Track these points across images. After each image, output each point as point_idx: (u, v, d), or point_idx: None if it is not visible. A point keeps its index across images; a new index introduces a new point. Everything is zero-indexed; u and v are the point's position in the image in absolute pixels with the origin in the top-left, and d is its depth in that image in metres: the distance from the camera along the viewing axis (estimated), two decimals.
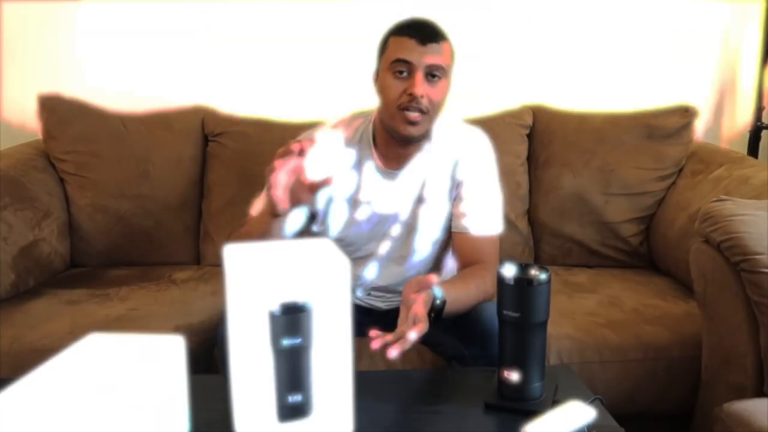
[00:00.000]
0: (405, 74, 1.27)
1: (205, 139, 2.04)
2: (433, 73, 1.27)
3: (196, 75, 2.21)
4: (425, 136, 1.33)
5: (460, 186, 1.38)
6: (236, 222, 1.90)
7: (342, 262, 0.88)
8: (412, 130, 1.28)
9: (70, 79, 2.17)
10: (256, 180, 1.45)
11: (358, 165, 1.38)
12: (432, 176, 1.38)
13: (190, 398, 0.91)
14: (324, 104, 2.08)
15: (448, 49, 1.30)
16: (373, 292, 1.47)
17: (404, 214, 1.40)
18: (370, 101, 1.42)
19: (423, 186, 1.39)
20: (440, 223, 1.41)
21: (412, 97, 1.25)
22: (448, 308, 1.20)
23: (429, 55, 1.26)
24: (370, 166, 1.38)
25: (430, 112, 1.28)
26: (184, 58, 2.20)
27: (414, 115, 1.26)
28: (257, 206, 1.36)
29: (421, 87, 1.25)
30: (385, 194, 1.39)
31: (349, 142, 1.38)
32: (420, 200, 1.39)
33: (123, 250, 1.96)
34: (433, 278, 1.13)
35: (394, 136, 1.33)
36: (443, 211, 1.40)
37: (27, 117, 2.01)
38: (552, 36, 2.21)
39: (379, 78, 1.33)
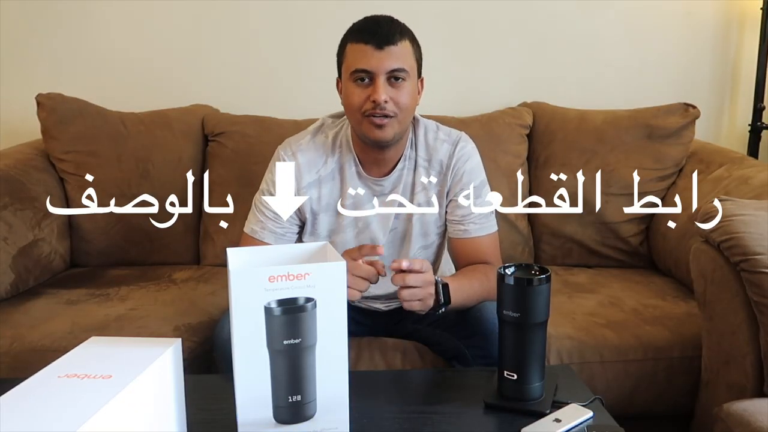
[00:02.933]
0: (366, 81, 1.25)
1: (205, 139, 2.04)
2: (396, 76, 1.24)
3: (196, 75, 2.21)
4: (396, 138, 1.30)
5: (452, 193, 1.37)
6: (236, 222, 1.92)
7: (339, 264, 0.88)
8: (381, 134, 1.26)
9: (70, 79, 2.17)
10: (256, 180, 1.46)
11: (341, 171, 1.37)
12: (419, 185, 1.37)
13: (189, 398, 0.91)
14: (324, 104, 2.08)
15: (408, 49, 1.26)
16: (370, 298, 1.45)
17: (393, 223, 1.39)
18: None
19: (411, 194, 1.37)
20: (432, 230, 1.40)
21: (376, 104, 1.23)
22: (453, 301, 1.22)
23: (387, 60, 1.23)
24: (352, 173, 1.36)
25: (397, 115, 1.26)
26: (184, 58, 2.20)
27: (379, 119, 1.24)
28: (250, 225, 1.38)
29: (383, 93, 1.23)
30: (370, 201, 1.37)
31: (330, 148, 1.37)
32: (409, 207, 1.38)
33: (123, 250, 1.96)
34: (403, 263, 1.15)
35: (366, 142, 1.31)
36: (434, 217, 1.39)
37: (27, 117, 2.01)
38: (552, 35, 2.21)
39: (341, 87, 1.31)
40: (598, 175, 1.93)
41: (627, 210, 1.93)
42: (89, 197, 1.92)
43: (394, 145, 1.32)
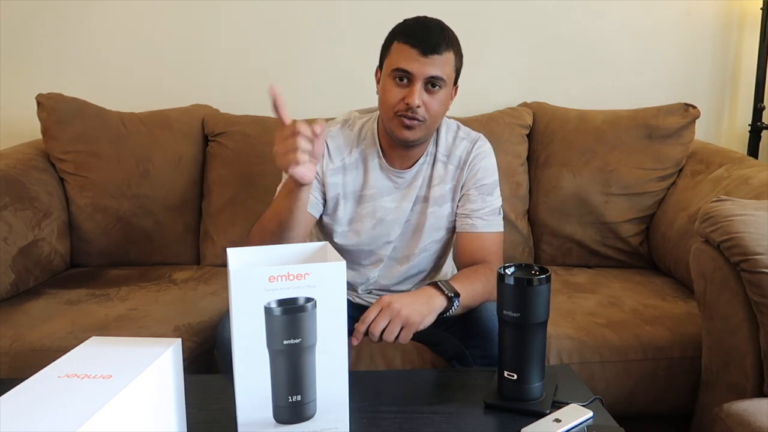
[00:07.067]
0: (405, 81, 1.28)
1: (205, 139, 2.04)
2: (433, 83, 1.28)
3: (196, 75, 2.21)
4: (422, 140, 1.34)
5: (465, 187, 1.40)
6: (236, 222, 1.92)
7: (339, 264, 0.88)
8: (408, 135, 1.30)
9: (70, 79, 2.17)
10: (256, 180, 1.46)
11: (364, 162, 1.40)
12: (436, 178, 1.40)
13: (189, 398, 0.91)
14: (324, 104, 2.08)
15: (450, 60, 1.30)
16: (374, 291, 1.47)
17: (409, 215, 1.41)
18: (370, 101, 1.42)
19: (428, 187, 1.40)
20: (444, 224, 1.42)
21: (408, 107, 1.26)
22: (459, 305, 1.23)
23: (429, 67, 1.26)
24: (375, 164, 1.40)
25: (426, 121, 1.29)
26: (184, 58, 2.20)
27: (409, 121, 1.28)
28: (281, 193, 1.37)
29: (417, 98, 1.26)
30: (390, 193, 1.40)
31: (355, 140, 1.40)
32: (425, 201, 1.41)
33: (123, 250, 1.96)
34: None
35: (393, 138, 1.34)
36: (447, 212, 1.41)
37: (27, 117, 2.01)
38: (552, 36, 2.21)
39: (380, 79, 1.34)
40: (598, 175, 1.93)
41: (627, 210, 1.93)
42: (89, 197, 1.92)
43: (419, 145, 1.36)
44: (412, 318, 1.14)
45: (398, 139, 1.32)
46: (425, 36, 1.27)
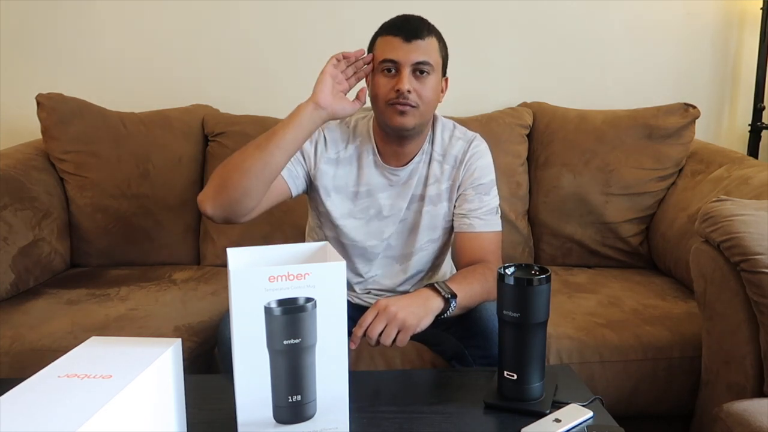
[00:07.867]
0: (393, 72, 1.29)
1: (205, 139, 2.04)
2: (421, 69, 1.29)
3: (196, 75, 2.21)
4: (417, 129, 1.34)
5: (462, 187, 1.40)
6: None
7: (339, 264, 0.88)
8: (403, 121, 1.30)
9: (70, 79, 2.17)
10: None
11: (358, 158, 1.40)
12: (432, 177, 1.40)
13: (189, 398, 0.91)
14: None
15: (434, 45, 1.32)
16: (373, 291, 1.47)
17: (404, 213, 1.41)
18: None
19: (424, 186, 1.40)
20: (440, 224, 1.42)
21: (400, 93, 1.27)
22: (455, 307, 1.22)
23: (414, 53, 1.28)
24: (370, 161, 1.40)
25: (419, 107, 1.30)
26: (184, 58, 2.20)
27: (402, 107, 1.29)
28: None
29: (407, 83, 1.27)
30: (384, 190, 1.41)
31: (350, 135, 1.41)
32: (421, 200, 1.41)
33: (123, 250, 1.96)
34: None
35: (388, 132, 1.35)
36: (443, 211, 1.41)
37: (27, 117, 2.01)
38: (552, 36, 2.21)
39: (369, 79, 1.35)
40: (598, 175, 1.93)
41: (627, 210, 1.93)
42: (89, 197, 1.92)
43: (413, 138, 1.36)
44: (408, 321, 1.14)
45: (394, 128, 1.32)
46: (405, 25, 1.30)
